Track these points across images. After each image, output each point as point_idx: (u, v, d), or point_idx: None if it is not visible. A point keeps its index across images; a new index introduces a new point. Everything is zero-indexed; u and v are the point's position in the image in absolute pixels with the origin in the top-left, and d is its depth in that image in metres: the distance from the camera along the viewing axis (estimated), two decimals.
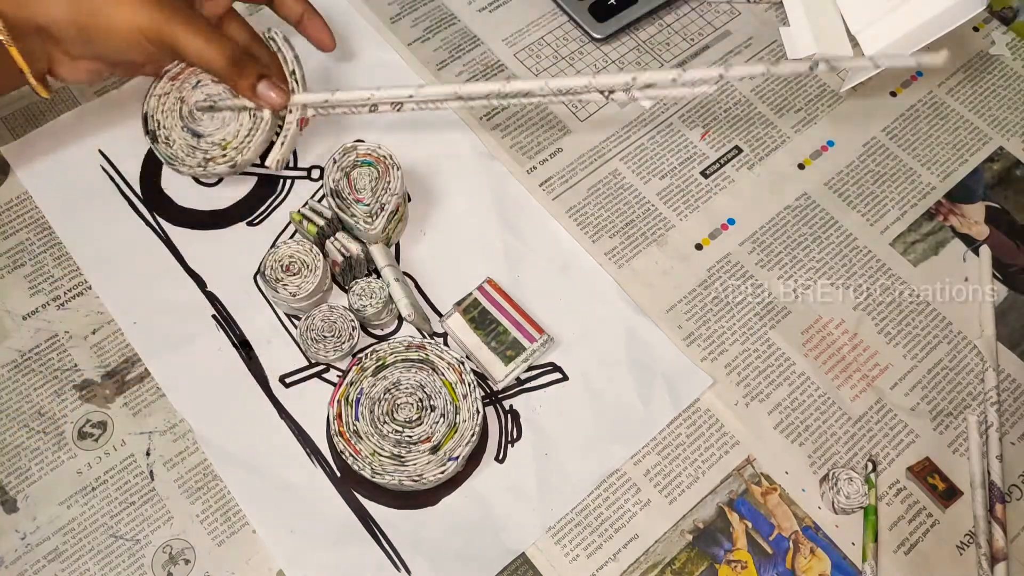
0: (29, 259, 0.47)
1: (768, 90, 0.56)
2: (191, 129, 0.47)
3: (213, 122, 0.47)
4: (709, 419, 0.45)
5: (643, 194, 0.51)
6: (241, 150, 0.46)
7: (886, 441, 0.45)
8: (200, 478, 0.42)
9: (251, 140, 0.46)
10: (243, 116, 0.47)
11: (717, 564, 0.42)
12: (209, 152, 0.46)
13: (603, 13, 0.56)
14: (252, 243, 0.48)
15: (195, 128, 0.47)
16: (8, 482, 0.42)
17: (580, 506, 0.43)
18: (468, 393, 0.42)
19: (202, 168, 0.46)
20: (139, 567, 0.40)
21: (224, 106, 0.46)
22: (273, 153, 0.46)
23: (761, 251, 0.50)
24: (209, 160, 0.46)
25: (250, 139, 0.46)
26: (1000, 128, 0.55)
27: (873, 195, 0.52)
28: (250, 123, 0.47)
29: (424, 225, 0.50)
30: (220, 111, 0.47)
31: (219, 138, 0.47)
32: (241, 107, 0.46)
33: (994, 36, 0.58)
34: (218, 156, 0.46)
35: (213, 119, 0.47)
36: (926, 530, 0.43)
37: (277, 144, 0.46)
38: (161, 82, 0.48)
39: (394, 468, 0.41)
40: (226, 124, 0.47)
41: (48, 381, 0.44)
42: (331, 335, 0.44)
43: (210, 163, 0.46)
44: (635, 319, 0.47)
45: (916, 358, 0.47)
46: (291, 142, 0.46)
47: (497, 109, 0.54)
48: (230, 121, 0.47)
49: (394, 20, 0.57)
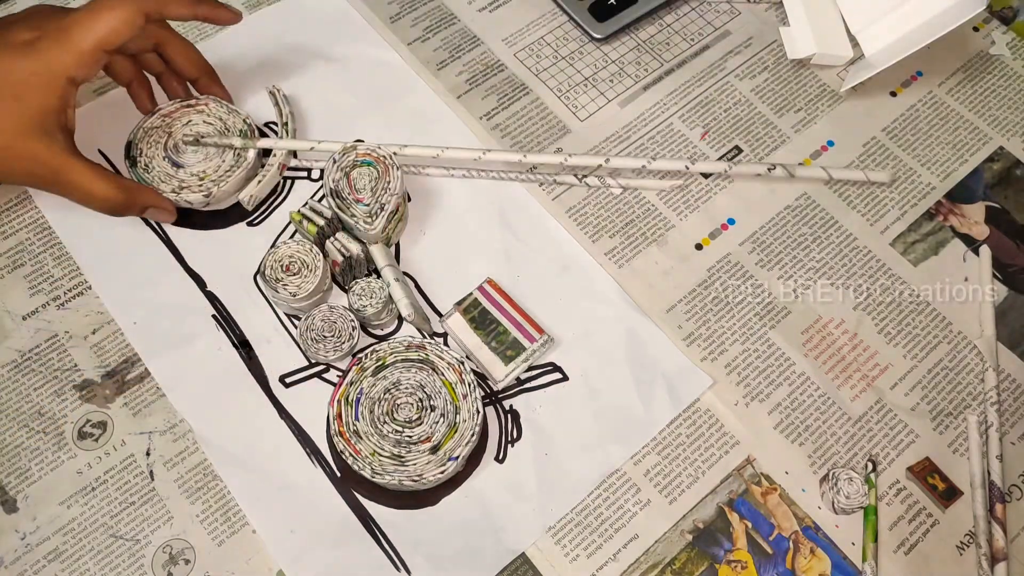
0: (29, 259, 0.47)
1: (768, 90, 0.56)
2: (173, 160, 0.48)
3: (196, 156, 0.48)
4: (709, 419, 0.45)
5: (643, 194, 0.51)
6: (218, 182, 0.47)
7: (886, 441, 0.45)
8: (200, 478, 0.42)
9: (230, 175, 0.48)
10: (227, 155, 0.48)
11: (717, 564, 0.42)
12: (185, 181, 0.47)
13: (603, 13, 0.56)
14: (252, 243, 0.48)
15: (177, 160, 0.48)
16: (8, 482, 0.42)
17: (580, 506, 0.43)
18: (468, 393, 0.42)
19: (175, 194, 0.47)
20: (139, 567, 0.40)
21: (209, 143, 0.48)
22: (248, 188, 0.48)
23: (761, 251, 0.50)
24: (184, 188, 0.47)
25: (230, 174, 0.48)
26: (1000, 128, 0.55)
27: (873, 195, 0.52)
28: (233, 161, 0.48)
29: (424, 225, 0.50)
30: (205, 146, 0.48)
31: (198, 171, 0.48)
32: (227, 145, 0.48)
33: (994, 36, 0.58)
34: (194, 185, 0.47)
35: (196, 153, 0.48)
36: (926, 530, 0.43)
37: (254, 181, 0.49)
38: (152, 118, 0.49)
39: (394, 468, 0.41)
40: (208, 159, 0.48)
41: (48, 381, 0.44)
42: (331, 335, 0.44)
43: (184, 191, 0.47)
44: (635, 319, 0.47)
45: (916, 358, 0.47)
46: (269, 182, 0.49)
47: (497, 109, 0.54)
48: (213, 157, 0.48)
49: (394, 20, 0.57)
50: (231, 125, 0.49)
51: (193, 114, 0.49)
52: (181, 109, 0.49)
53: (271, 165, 0.49)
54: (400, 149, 0.48)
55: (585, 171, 0.50)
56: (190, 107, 0.50)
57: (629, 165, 0.49)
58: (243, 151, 0.48)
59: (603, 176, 0.50)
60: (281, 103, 0.51)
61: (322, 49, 0.55)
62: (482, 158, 0.48)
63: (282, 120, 0.50)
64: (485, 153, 0.48)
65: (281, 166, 0.49)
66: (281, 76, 0.54)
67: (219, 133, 0.49)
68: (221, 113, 0.50)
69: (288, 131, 0.50)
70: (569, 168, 0.50)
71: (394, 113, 0.53)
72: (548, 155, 0.49)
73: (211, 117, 0.49)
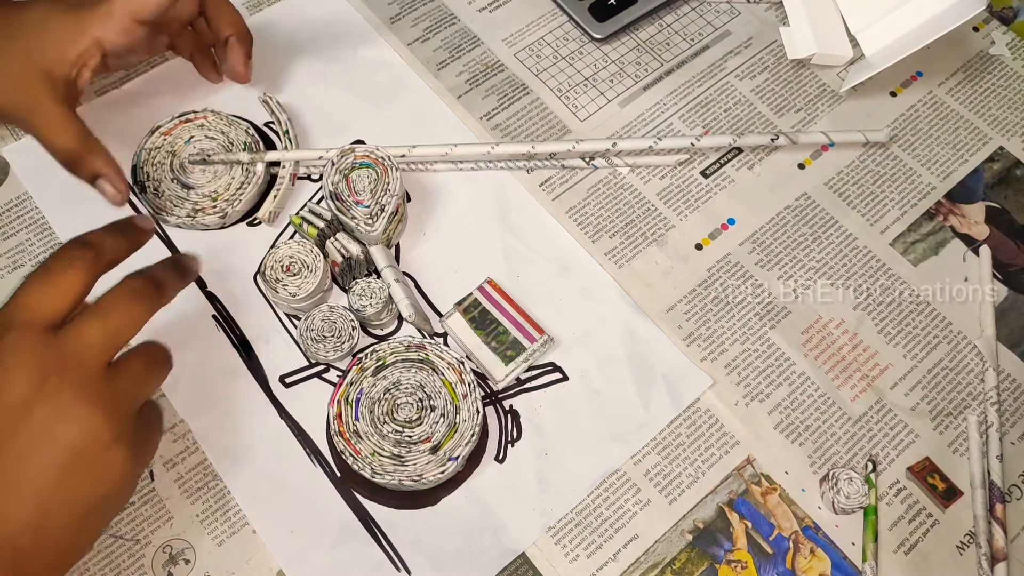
0: (29, 259, 0.47)
1: (768, 90, 0.56)
2: (181, 181, 0.48)
3: (204, 175, 0.48)
4: (709, 419, 0.45)
5: (643, 194, 0.51)
6: (232, 202, 0.47)
7: (886, 441, 0.45)
8: (200, 478, 0.42)
9: (243, 193, 0.48)
10: (235, 170, 0.48)
11: (717, 564, 0.42)
12: (199, 203, 0.47)
13: (603, 13, 0.56)
14: (252, 243, 0.48)
15: (185, 181, 0.48)
16: None
17: (580, 506, 0.43)
18: (468, 393, 0.42)
19: (191, 219, 0.47)
20: (139, 567, 0.40)
21: (216, 160, 0.47)
22: (266, 205, 0.48)
23: (761, 251, 0.50)
24: (198, 211, 0.47)
25: (242, 192, 0.48)
26: (1000, 128, 0.55)
27: (873, 195, 0.52)
28: (242, 177, 0.48)
29: (424, 225, 0.50)
30: (212, 165, 0.48)
31: (210, 190, 0.47)
32: (234, 161, 0.47)
33: (994, 36, 0.58)
34: (208, 207, 0.47)
35: (204, 172, 0.48)
36: (926, 530, 0.43)
37: (270, 197, 0.48)
38: (152, 136, 0.49)
39: (394, 468, 0.41)
40: (217, 177, 0.48)
41: None
42: (331, 335, 0.44)
43: (199, 213, 0.47)
44: (635, 319, 0.47)
45: (916, 358, 0.47)
46: (284, 195, 0.49)
47: (497, 109, 0.54)
48: (222, 175, 0.48)
49: (394, 20, 0.57)
50: (234, 138, 0.49)
51: (194, 129, 0.49)
52: (180, 124, 0.49)
53: (283, 178, 0.48)
54: (409, 151, 0.48)
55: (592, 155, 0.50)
56: (189, 121, 0.49)
57: (637, 146, 0.49)
58: (251, 166, 0.48)
59: (610, 158, 0.50)
60: (277, 111, 0.50)
61: (322, 50, 0.55)
62: (492, 152, 0.49)
63: (282, 128, 0.50)
64: (495, 147, 0.49)
65: (292, 175, 0.49)
66: (281, 77, 0.54)
67: (223, 148, 0.49)
68: (222, 126, 0.49)
69: (291, 139, 0.50)
70: (577, 154, 0.50)
71: (394, 113, 0.53)
72: (557, 143, 0.49)
73: (212, 131, 0.49)
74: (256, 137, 0.49)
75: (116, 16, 0.44)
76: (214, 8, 0.49)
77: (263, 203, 0.49)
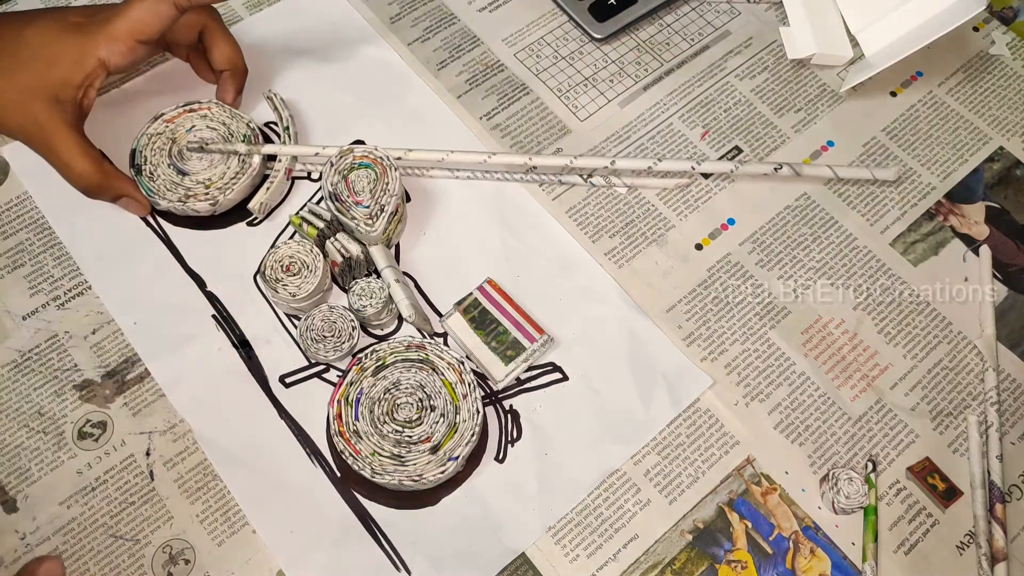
0: (29, 259, 0.47)
1: (768, 90, 0.56)
2: (177, 167, 0.48)
3: (200, 163, 0.48)
4: (709, 419, 0.45)
5: (643, 194, 0.51)
6: (224, 190, 0.47)
7: (886, 441, 0.45)
8: (200, 478, 0.42)
9: (236, 183, 0.48)
10: (232, 160, 0.48)
11: (717, 564, 0.42)
12: (192, 189, 0.47)
13: (603, 13, 0.56)
14: (252, 243, 0.48)
15: (181, 167, 0.48)
16: (8, 482, 0.42)
17: (580, 506, 0.43)
18: (468, 393, 0.42)
19: (182, 203, 0.47)
20: (139, 567, 0.40)
21: (214, 149, 0.48)
22: (258, 197, 0.48)
23: (761, 251, 0.50)
24: (190, 196, 0.47)
25: (235, 181, 0.48)
26: (1000, 128, 0.55)
27: (873, 195, 0.52)
28: (237, 167, 0.48)
29: (424, 225, 0.50)
30: (209, 153, 0.48)
31: (204, 177, 0.48)
32: (231, 151, 0.48)
33: (994, 36, 0.58)
34: (200, 194, 0.47)
35: (201, 160, 0.48)
36: (926, 530, 0.43)
37: (263, 189, 0.49)
38: (155, 123, 0.49)
39: (394, 468, 0.41)
40: (213, 166, 0.48)
41: (48, 381, 0.44)
42: (331, 335, 0.44)
43: (191, 199, 0.47)
44: (635, 319, 0.47)
45: (916, 358, 0.47)
46: (277, 188, 0.49)
47: (497, 109, 0.54)
48: (218, 164, 0.48)
49: (394, 20, 0.57)
50: (234, 130, 0.49)
51: (196, 119, 0.49)
52: (184, 114, 0.49)
53: (277, 171, 0.49)
54: (405, 154, 0.48)
55: (590, 172, 0.50)
56: (192, 111, 0.49)
57: (635, 166, 0.49)
58: (248, 157, 0.48)
59: (607, 175, 0.50)
60: (280, 107, 0.50)
61: (322, 49, 0.55)
62: (488, 161, 0.49)
63: (283, 124, 0.50)
64: (491, 156, 0.48)
65: (287, 171, 0.49)
66: (281, 77, 0.54)
67: (223, 139, 0.49)
68: (224, 117, 0.49)
69: (290, 135, 0.50)
70: (574, 169, 0.50)
71: (394, 113, 0.53)
72: (554, 157, 0.49)
73: (214, 122, 0.49)
74: (257, 132, 0.49)
75: (121, 38, 0.45)
76: (211, 40, 0.49)
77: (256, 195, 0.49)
